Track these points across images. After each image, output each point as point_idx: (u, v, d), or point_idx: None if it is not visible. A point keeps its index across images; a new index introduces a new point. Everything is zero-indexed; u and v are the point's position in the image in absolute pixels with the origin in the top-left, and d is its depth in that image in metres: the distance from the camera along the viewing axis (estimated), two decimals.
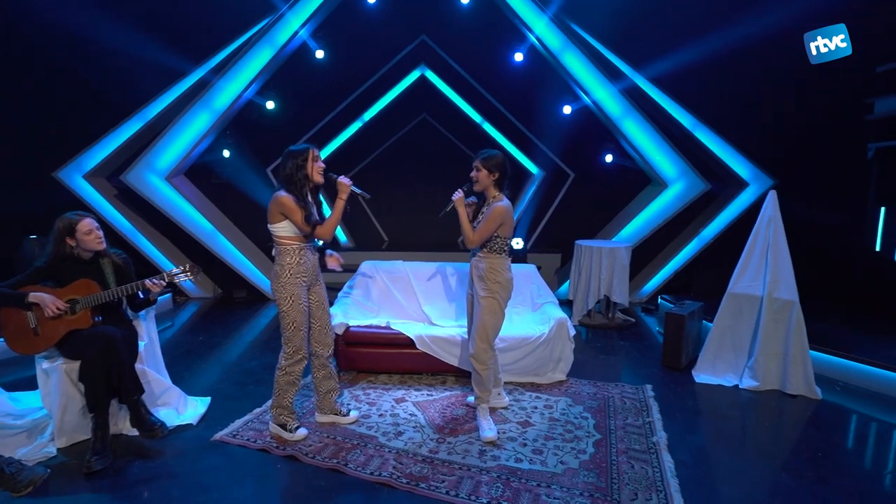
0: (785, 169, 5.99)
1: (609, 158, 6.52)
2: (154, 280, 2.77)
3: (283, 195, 2.70)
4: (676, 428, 3.09)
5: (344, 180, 2.82)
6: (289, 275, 2.76)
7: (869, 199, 5.53)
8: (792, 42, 4.19)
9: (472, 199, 3.06)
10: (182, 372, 3.92)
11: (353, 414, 3.18)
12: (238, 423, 3.06)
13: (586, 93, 5.81)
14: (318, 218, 2.80)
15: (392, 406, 3.33)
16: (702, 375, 3.90)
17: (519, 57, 5.95)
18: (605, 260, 5.28)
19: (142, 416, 2.69)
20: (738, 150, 6.00)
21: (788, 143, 5.99)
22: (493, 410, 3.29)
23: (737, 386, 3.76)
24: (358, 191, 2.88)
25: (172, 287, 6.27)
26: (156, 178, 5.90)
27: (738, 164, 6.07)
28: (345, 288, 4.30)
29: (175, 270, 2.81)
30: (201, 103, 5.73)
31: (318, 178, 2.80)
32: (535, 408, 3.33)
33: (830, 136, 5.76)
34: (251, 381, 3.76)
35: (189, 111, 5.73)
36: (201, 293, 6.58)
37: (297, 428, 2.91)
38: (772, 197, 3.80)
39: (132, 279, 2.87)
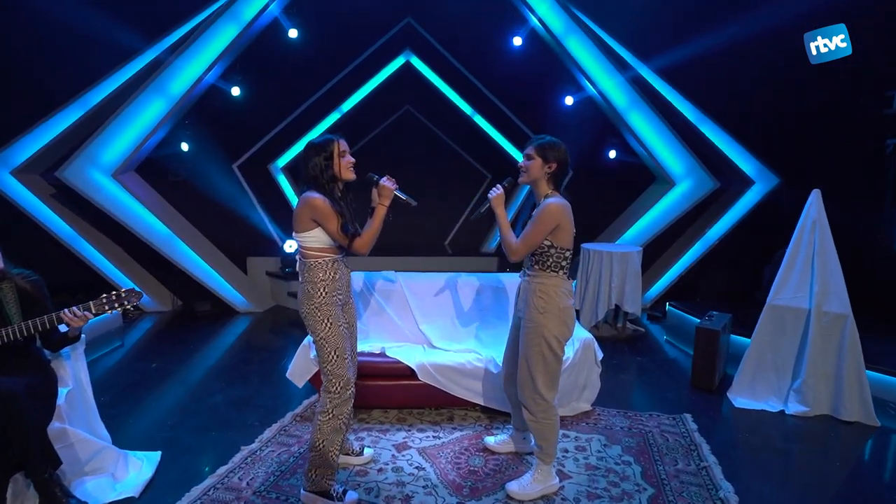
0: (792, 166, 5.66)
1: (612, 154, 6.05)
2: (75, 311, 2.07)
3: (316, 197, 2.21)
4: (736, 472, 2.60)
5: (388, 183, 2.32)
6: (324, 293, 2.25)
7: (886, 198, 5.23)
8: (801, 36, 3.90)
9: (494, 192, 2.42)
10: (126, 414, 3.19)
11: (368, 452, 2.68)
12: (197, 490, 2.39)
13: (591, 82, 5.31)
14: (356, 227, 2.29)
15: (393, 456, 2.71)
16: (740, 399, 3.43)
17: (517, 41, 5.39)
18: (615, 266, 4.79)
19: (55, 500, 1.99)
20: (743, 146, 5.65)
21: (796, 138, 5.66)
22: (516, 455, 2.73)
23: (783, 412, 3.31)
24: (403, 196, 2.36)
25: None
26: (99, 174, 5.08)
27: (743, 161, 5.72)
28: None
29: (105, 299, 2.11)
30: (154, 87, 4.94)
31: (349, 175, 2.31)
32: (566, 451, 2.78)
33: (841, 131, 5.45)
34: (215, 425, 3.07)
35: (139, 96, 4.93)
36: (158, 306, 5.78)
37: (344, 493, 2.31)
38: (815, 197, 3.37)
39: (46, 309, 2.15)
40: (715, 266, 6.10)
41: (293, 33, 5.20)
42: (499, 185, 2.42)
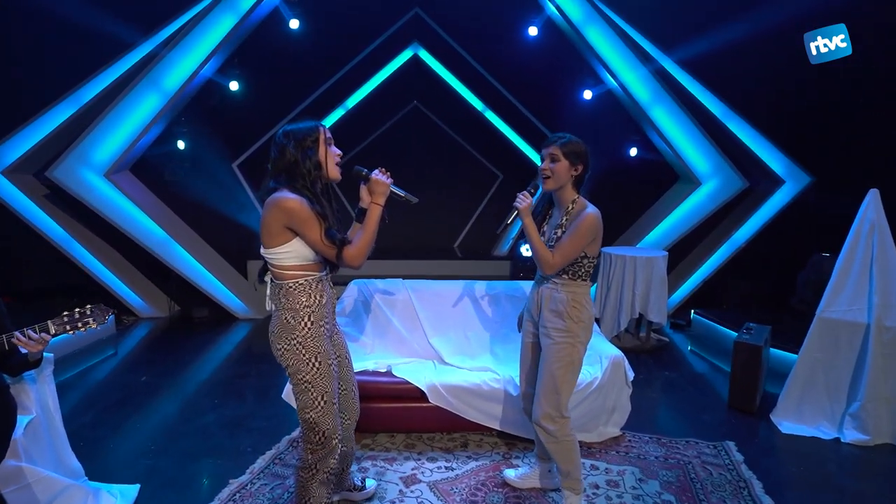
0: (825, 164, 5.29)
1: (634, 152, 5.69)
2: (31, 334, 1.76)
3: (289, 197, 1.76)
4: None
5: (380, 177, 1.90)
6: (309, 324, 1.83)
7: None
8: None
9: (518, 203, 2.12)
10: (107, 437, 2.91)
11: (370, 485, 2.36)
12: None
13: (612, 74, 4.96)
14: (343, 234, 1.87)
15: (400, 492, 2.40)
16: (787, 423, 3.08)
17: (533, 31, 5.05)
18: (639, 272, 4.45)
19: None
20: (772, 142, 5.28)
21: (829, 134, 5.29)
22: (541, 492, 2.40)
23: (837, 440, 2.95)
24: (402, 193, 1.97)
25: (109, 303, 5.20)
26: (92, 173, 4.81)
27: (772, 159, 5.35)
28: None
29: (67, 318, 1.81)
30: (147, 82, 4.66)
31: (335, 173, 1.89)
32: (597, 487, 2.45)
33: (878, 126, 5.07)
34: (204, 451, 2.77)
35: (132, 92, 4.66)
36: (154, 312, 5.51)
37: None
38: (873, 197, 3.01)
39: (3, 328, 1.85)
40: (742, 271, 5.73)
41: (294, 24, 4.90)
42: (524, 192, 2.11)
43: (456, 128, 6.62)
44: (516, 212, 2.08)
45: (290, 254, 1.80)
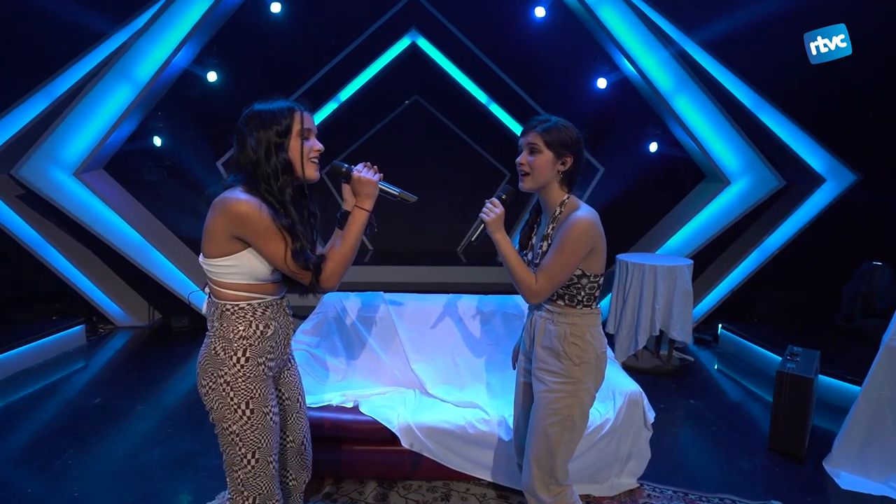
0: (874, 160, 4.68)
1: (653, 147, 5.14)
2: None
3: (243, 199, 1.37)
4: None
5: (365, 173, 1.49)
6: (242, 361, 1.43)
7: None
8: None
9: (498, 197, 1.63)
10: (29, 478, 2.49)
11: None
12: None
13: (630, 59, 4.42)
14: (314, 254, 1.46)
15: None
16: (846, 475, 2.52)
17: (540, 12, 4.54)
18: (661, 283, 3.90)
19: None
20: (811, 136, 4.69)
21: (877, 127, 4.69)
22: None
23: None
24: (396, 191, 1.56)
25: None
26: (61, 172, 4.45)
27: (812, 155, 4.76)
28: (297, 333, 2.87)
29: None
30: (116, 72, 4.29)
31: (312, 172, 1.47)
32: None
33: None
34: (136, 499, 2.33)
35: (100, 83, 4.29)
36: (132, 321, 5.14)
37: None
38: None
39: None
40: (776, 280, 5.15)
41: (276, 7, 4.47)
42: (493, 199, 1.62)
43: (459, 122, 6.18)
44: (482, 224, 1.59)
45: (232, 269, 1.40)
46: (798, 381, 2.66)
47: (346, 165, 1.52)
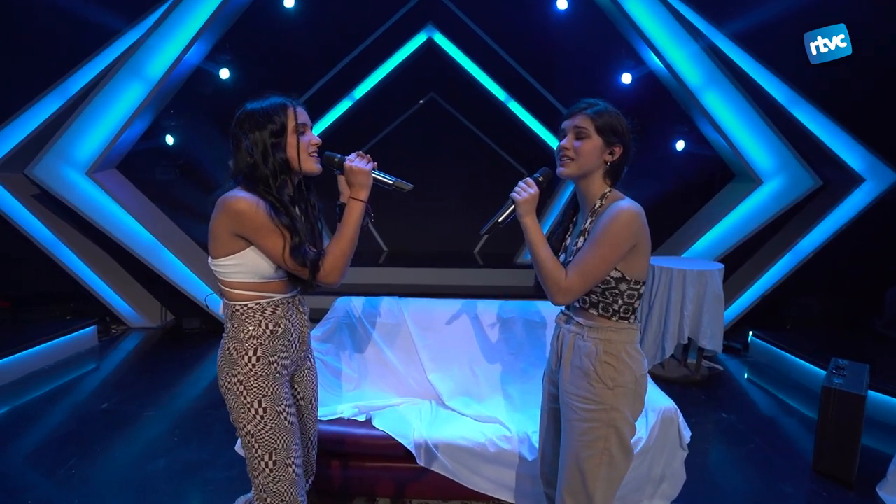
0: None
1: (681, 145, 4.92)
2: None
3: (242, 197, 1.39)
4: None
5: (357, 163, 1.46)
6: (254, 360, 1.44)
7: None
8: None
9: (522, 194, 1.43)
10: (27, 489, 2.40)
11: None
12: None
13: (658, 53, 4.21)
14: (314, 250, 1.46)
15: None
16: None
17: (562, 4, 4.36)
18: (689, 288, 3.70)
19: None
20: (849, 133, 4.44)
21: None
22: None
23: None
24: (390, 179, 1.50)
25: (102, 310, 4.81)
26: (73, 171, 4.41)
27: (850, 153, 4.52)
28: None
29: None
30: (127, 70, 4.23)
31: (311, 165, 1.47)
32: None
33: None
34: None
35: (112, 81, 4.23)
36: (145, 322, 5.08)
37: None
38: None
39: None
40: (811, 285, 4.89)
41: (289, 2, 4.36)
42: (529, 179, 1.45)
43: (476, 121, 6.03)
44: (513, 205, 1.41)
45: (237, 267, 1.43)
46: (848, 398, 2.44)
47: (339, 156, 1.49)
